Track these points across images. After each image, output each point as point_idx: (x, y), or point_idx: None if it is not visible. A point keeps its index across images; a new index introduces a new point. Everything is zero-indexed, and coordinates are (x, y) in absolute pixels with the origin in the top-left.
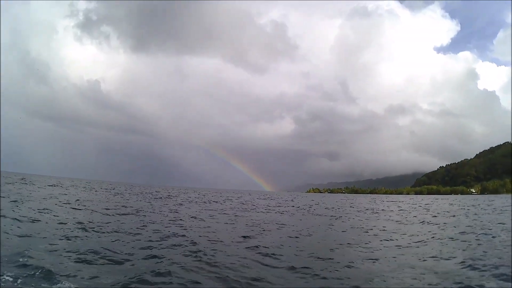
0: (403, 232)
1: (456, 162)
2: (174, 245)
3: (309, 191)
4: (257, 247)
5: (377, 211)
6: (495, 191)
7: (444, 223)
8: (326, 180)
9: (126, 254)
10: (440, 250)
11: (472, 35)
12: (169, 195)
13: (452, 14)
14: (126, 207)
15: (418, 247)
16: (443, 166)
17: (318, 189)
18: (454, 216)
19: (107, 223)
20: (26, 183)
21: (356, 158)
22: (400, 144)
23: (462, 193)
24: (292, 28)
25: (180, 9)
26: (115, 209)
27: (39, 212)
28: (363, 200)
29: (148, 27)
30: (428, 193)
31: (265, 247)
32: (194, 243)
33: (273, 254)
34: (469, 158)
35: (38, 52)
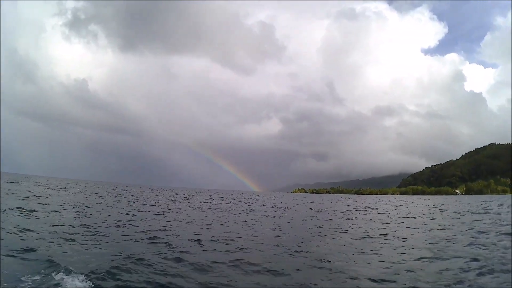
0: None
1: (442, 163)
2: None
3: (294, 191)
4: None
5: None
6: (480, 192)
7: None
8: (314, 181)
9: None
10: None
11: (460, 37)
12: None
13: (440, 16)
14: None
15: None
16: (428, 167)
17: (304, 189)
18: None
19: None
20: None
21: (344, 159)
22: (387, 145)
23: (447, 193)
24: (280, 29)
25: (168, 9)
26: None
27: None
28: (333, 200)
29: (137, 26)
30: (413, 194)
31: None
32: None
33: None
34: (455, 159)
35: (26, 51)
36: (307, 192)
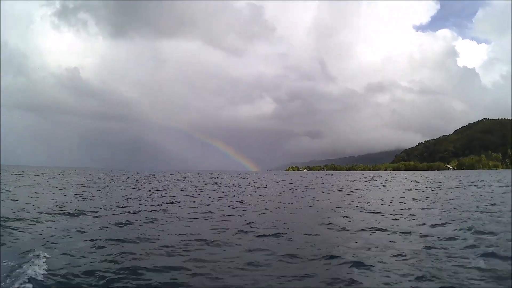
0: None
1: (435, 138)
2: None
3: (288, 169)
4: None
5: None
6: (471, 167)
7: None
8: (309, 159)
9: None
10: None
11: (452, 13)
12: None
13: None
14: None
15: None
16: (422, 143)
17: (298, 167)
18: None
19: None
20: None
21: (338, 136)
22: (381, 121)
23: (439, 168)
24: (269, 11)
25: None
26: None
27: None
28: (321, 177)
29: (126, 12)
30: (406, 169)
31: None
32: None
33: None
34: (448, 134)
35: (15, 44)
36: (300, 170)
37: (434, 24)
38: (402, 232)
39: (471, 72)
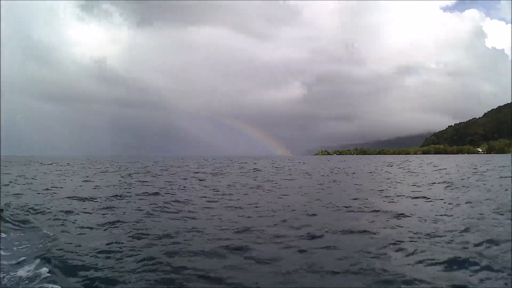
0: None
1: (465, 121)
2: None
3: (317, 154)
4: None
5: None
6: (501, 151)
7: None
8: (337, 143)
9: None
10: None
11: None
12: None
13: None
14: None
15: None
16: (451, 126)
17: (327, 151)
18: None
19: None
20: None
21: (367, 120)
22: (409, 104)
23: (469, 152)
24: None
25: None
26: None
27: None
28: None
29: (150, 2)
30: (436, 153)
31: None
32: None
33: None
34: (478, 117)
35: (40, 36)
36: (330, 154)
37: (461, 4)
38: None
39: (500, 53)
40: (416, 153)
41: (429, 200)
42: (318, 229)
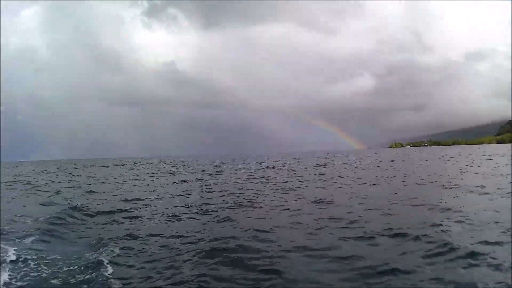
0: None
1: None
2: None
3: (391, 146)
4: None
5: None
6: None
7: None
8: (409, 134)
9: None
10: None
11: None
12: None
13: None
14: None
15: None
16: None
17: (401, 143)
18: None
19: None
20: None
21: (439, 109)
22: (483, 91)
23: None
24: None
25: None
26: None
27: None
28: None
29: (215, 3)
30: (510, 142)
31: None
32: None
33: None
34: None
35: (110, 45)
36: (404, 146)
37: None
38: None
39: None
40: (490, 143)
41: None
42: None
